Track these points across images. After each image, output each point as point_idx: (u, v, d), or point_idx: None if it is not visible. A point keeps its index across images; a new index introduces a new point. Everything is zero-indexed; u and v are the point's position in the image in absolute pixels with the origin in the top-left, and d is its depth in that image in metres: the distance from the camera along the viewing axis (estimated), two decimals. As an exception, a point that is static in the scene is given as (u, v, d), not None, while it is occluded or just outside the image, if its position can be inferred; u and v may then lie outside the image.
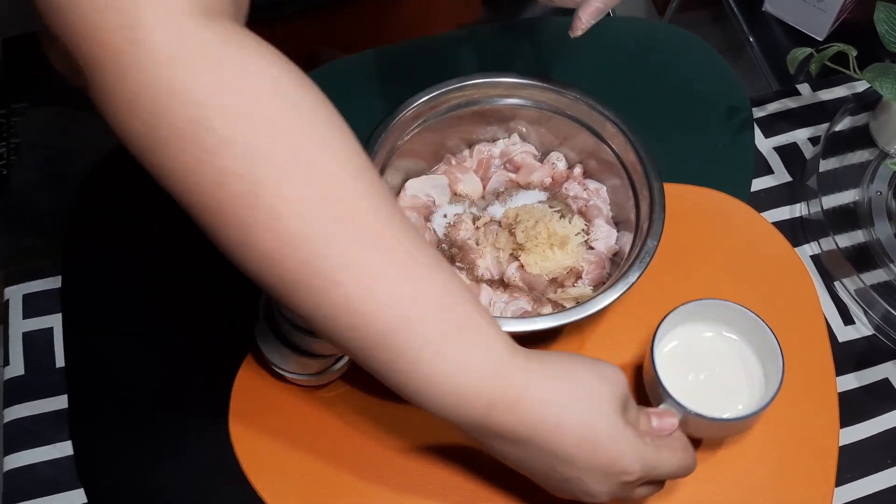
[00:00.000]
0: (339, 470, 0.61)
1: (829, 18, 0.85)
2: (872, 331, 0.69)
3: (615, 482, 0.48)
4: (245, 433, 0.62)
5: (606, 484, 0.48)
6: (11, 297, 0.70)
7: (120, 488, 0.62)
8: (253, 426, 0.63)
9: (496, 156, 0.72)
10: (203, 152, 0.39)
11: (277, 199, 0.39)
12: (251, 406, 0.63)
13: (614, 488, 0.49)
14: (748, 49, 0.91)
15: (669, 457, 0.50)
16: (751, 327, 0.60)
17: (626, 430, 0.48)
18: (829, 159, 0.75)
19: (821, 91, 0.81)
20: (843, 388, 0.66)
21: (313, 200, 0.40)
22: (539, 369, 0.47)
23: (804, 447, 0.62)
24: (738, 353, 0.61)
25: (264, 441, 0.62)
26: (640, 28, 0.89)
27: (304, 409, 0.63)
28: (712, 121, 0.78)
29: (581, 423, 0.47)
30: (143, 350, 0.67)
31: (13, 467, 0.62)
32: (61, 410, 0.65)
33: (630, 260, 0.61)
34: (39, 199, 0.81)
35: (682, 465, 0.51)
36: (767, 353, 0.59)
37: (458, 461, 0.62)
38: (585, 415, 0.47)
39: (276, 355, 0.60)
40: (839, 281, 0.71)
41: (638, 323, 0.67)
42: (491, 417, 0.45)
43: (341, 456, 0.62)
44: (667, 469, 0.50)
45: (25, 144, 0.83)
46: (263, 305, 0.60)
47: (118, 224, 0.72)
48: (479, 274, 0.66)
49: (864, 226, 0.71)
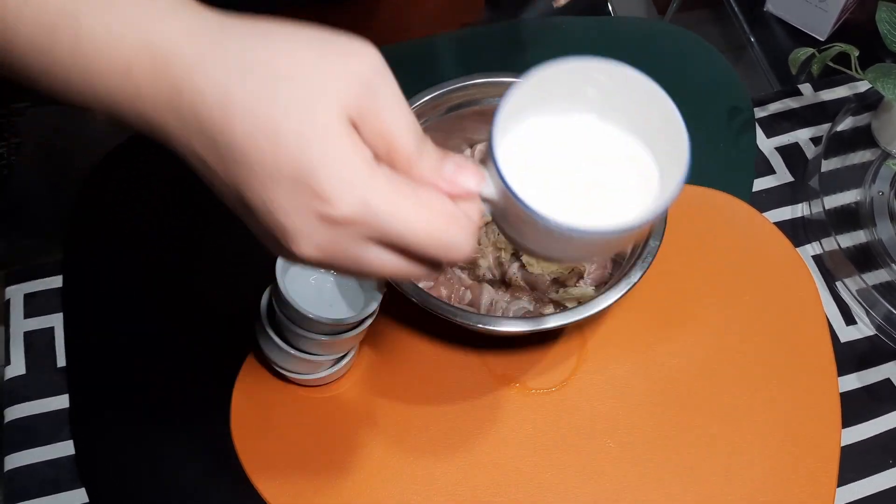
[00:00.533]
0: (340, 469, 0.61)
1: (831, 18, 0.85)
2: (874, 331, 0.69)
3: (314, 215, 0.34)
4: (246, 432, 0.62)
5: (302, 216, 0.34)
6: (12, 296, 0.70)
7: (121, 488, 0.62)
8: (254, 425, 0.63)
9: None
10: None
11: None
12: (252, 405, 0.63)
13: (317, 229, 0.34)
14: (749, 49, 0.91)
15: (413, 210, 0.35)
16: (644, 103, 0.41)
17: (339, 138, 0.34)
18: (831, 159, 0.74)
19: (822, 91, 0.81)
20: (845, 389, 0.66)
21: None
22: (229, 33, 0.34)
23: (806, 447, 0.62)
24: (622, 144, 0.43)
25: (265, 440, 0.62)
26: (641, 27, 0.89)
27: (305, 408, 0.63)
28: (714, 121, 0.78)
29: (256, 106, 0.33)
30: (143, 350, 0.67)
31: (14, 467, 0.62)
32: (62, 410, 0.65)
33: (632, 260, 0.61)
34: (40, 199, 0.81)
35: (434, 233, 0.35)
36: (665, 143, 0.41)
37: (460, 461, 0.62)
38: (267, 99, 0.33)
39: (277, 355, 0.60)
40: (841, 281, 0.70)
41: (640, 323, 0.67)
42: (153, 93, 0.34)
43: (342, 455, 0.62)
44: (403, 226, 0.35)
45: (26, 144, 0.83)
46: (264, 305, 0.60)
47: (119, 224, 0.72)
48: (481, 274, 0.66)
49: (866, 226, 0.71)
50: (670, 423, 0.63)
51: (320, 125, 0.33)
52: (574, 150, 0.42)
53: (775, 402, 0.64)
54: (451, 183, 0.37)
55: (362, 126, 0.35)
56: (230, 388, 0.64)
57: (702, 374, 0.65)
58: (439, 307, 0.57)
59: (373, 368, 0.65)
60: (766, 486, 0.61)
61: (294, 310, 0.55)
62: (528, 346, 0.66)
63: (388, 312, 0.67)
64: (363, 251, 0.36)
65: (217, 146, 0.34)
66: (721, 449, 0.62)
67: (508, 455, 0.62)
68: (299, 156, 0.33)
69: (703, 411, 0.64)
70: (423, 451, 0.62)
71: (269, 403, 0.64)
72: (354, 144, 0.34)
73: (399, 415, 0.63)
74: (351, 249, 0.36)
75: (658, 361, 0.66)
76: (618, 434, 0.63)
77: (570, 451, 0.62)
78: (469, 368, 0.65)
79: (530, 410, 0.64)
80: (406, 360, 0.66)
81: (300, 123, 0.33)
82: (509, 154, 0.39)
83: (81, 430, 0.64)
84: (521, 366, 0.65)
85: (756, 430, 0.63)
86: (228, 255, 0.70)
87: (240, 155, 0.34)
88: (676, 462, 0.62)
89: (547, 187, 0.41)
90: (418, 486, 0.61)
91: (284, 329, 0.57)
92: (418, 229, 0.35)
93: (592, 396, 0.64)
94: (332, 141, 0.34)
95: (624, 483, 0.61)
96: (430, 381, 0.65)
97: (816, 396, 0.65)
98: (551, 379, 0.65)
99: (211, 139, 0.34)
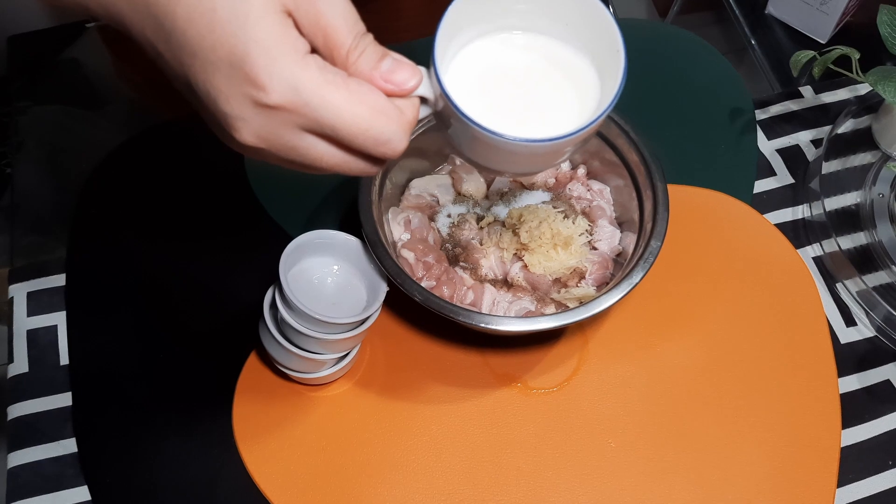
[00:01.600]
0: (342, 468, 0.61)
1: (832, 21, 0.85)
2: (874, 332, 0.69)
3: (250, 101, 0.36)
4: (249, 431, 0.63)
5: (240, 102, 0.36)
6: (16, 294, 0.70)
7: (123, 486, 0.62)
8: (257, 424, 0.63)
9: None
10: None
11: None
12: (255, 404, 0.64)
13: (254, 115, 0.36)
14: (750, 51, 0.92)
15: (343, 101, 0.36)
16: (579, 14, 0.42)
17: (271, 25, 0.35)
18: (832, 161, 0.75)
19: (823, 93, 0.81)
20: (845, 390, 0.66)
21: None
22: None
23: (806, 448, 0.63)
24: (554, 60, 0.44)
25: (268, 439, 0.62)
26: (643, 29, 0.89)
27: (307, 407, 0.64)
28: (715, 122, 0.78)
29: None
30: (146, 348, 0.67)
31: (17, 464, 0.62)
32: (65, 408, 0.65)
33: (633, 261, 0.61)
34: (43, 198, 0.81)
35: (362, 124, 0.36)
36: (604, 54, 0.42)
37: (461, 460, 0.62)
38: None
39: (279, 353, 0.60)
40: (841, 282, 0.71)
41: (641, 323, 0.67)
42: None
43: (345, 454, 0.62)
44: (333, 116, 0.36)
45: (29, 143, 0.83)
46: (267, 303, 0.60)
47: (122, 222, 0.72)
48: (483, 273, 0.66)
49: (867, 228, 0.71)
50: (671, 423, 0.63)
51: (253, 12, 0.34)
52: (514, 67, 0.44)
53: (776, 403, 0.64)
54: (386, 79, 0.38)
55: (299, 16, 0.36)
56: (232, 386, 0.64)
57: (703, 374, 0.65)
58: (442, 306, 0.58)
59: (375, 367, 0.65)
60: (766, 487, 0.61)
61: (297, 308, 0.55)
62: (529, 345, 0.66)
63: (390, 311, 0.67)
64: (299, 139, 0.37)
65: (164, 31, 0.35)
66: (721, 449, 0.62)
67: (509, 454, 0.62)
68: (233, 41, 0.34)
69: (703, 412, 0.64)
70: (425, 450, 0.62)
71: (272, 402, 0.64)
72: (285, 33, 0.35)
73: (401, 414, 0.63)
74: (287, 137, 0.37)
75: (659, 362, 0.66)
76: (619, 434, 0.63)
77: (572, 451, 0.62)
78: (471, 368, 0.65)
79: (531, 410, 0.64)
80: (408, 359, 0.66)
81: (233, 9, 0.34)
82: (455, 73, 0.41)
83: (84, 428, 0.64)
84: (522, 365, 0.66)
85: (756, 430, 0.63)
86: (231, 253, 0.71)
87: (183, 39, 0.35)
88: (677, 462, 0.62)
89: (490, 104, 0.42)
90: (420, 485, 0.61)
91: (287, 328, 0.57)
92: (347, 119, 0.36)
93: (593, 396, 0.65)
94: (264, 28, 0.34)
95: (625, 483, 0.61)
96: (432, 381, 0.65)
97: (816, 397, 0.65)
98: (553, 379, 0.65)
99: (159, 24, 0.35)
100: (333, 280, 0.62)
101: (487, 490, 0.61)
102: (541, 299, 0.65)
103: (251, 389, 0.64)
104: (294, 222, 0.72)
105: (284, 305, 0.57)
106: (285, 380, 0.64)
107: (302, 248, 0.59)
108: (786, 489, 0.61)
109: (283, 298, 0.56)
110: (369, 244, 0.59)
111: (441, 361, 0.66)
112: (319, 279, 0.62)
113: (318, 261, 0.62)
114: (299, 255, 0.60)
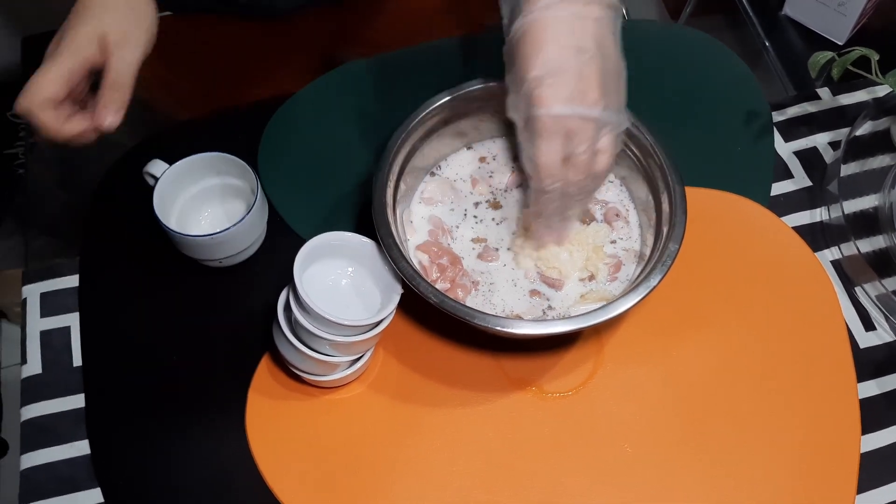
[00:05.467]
0: (354, 471, 0.61)
1: (850, 22, 0.84)
2: (894, 337, 0.68)
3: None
4: (261, 433, 0.62)
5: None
6: (29, 295, 0.70)
7: (136, 487, 0.62)
8: (269, 426, 0.63)
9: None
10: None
11: None
12: (268, 406, 0.63)
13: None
14: (764, 53, 0.91)
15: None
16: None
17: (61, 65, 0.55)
18: (850, 164, 0.74)
19: (841, 95, 0.81)
20: (864, 395, 0.65)
21: None
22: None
23: (825, 454, 0.62)
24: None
25: (281, 441, 0.62)
26: (656, 31, 0.88)
27: (320, 409, 0.63)
28: (732, 125, 0.78)
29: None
30: (159, 349, 0.67)
31: (30, 466, 0.62)
32: (78, 409, 0.65)
33: (651, 263, 0.60)
34: (56, 199, 0.81)
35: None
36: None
37: (475, 463, 0.61)
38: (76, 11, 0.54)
39: (293, 355, 0.59)
40: (860, 286, 0.70)
41: (657, 327, 0.67)
42: None
43: (357, 457, 0.61)
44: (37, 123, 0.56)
45: (42, 145, 0.83)
46: (281, 305, 0.59)
47: (134, 223, 0.72)
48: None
49: (886, 231, 0.71)
50: (687, 427, 0.63)
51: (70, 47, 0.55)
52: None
53: (794, 408, 0.64)
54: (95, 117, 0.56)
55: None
56: (246, 388, 0.64)
57: (719, 379, 0.65)
58: (456, 309, 0.57)
59: (389, 370, 0.65)
60: (784, 493, 0.60)
61: (311, 310, 0.55)
62: (544, 349, 0.66)
63: (404, 314, 0.67)
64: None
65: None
66: (738, 455, 0.62)
67: (524, 458, 0.62)
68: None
69: (720, 416, 0.63)
70: (439, 453, 0.62)
71: (285, 404, 0.63)
72: (60, 79, 0.55)
73: (414, 417, 0.63)
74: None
75: (675, 366, 0.65)
76: (634, 438, 0.62)
77: (586, 455, 0.62)
78: (485, 371, 0.65)
79: (546, 414, 0.63)
80: (422, 362, 0.65)
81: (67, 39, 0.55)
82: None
83: (97, 430, 0.64)
84: (537, 369, 0.65)
85: (774, 436, 0.62)
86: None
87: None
88: (693, 467, 0.61)
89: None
90: (433, 488, 0.60)
91: (301, 330, 0.57)
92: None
93: (609, 400, 0.64)
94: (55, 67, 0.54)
95: (640, 487, 0.61)
96: (446, 384, 0.64)
97: (835, 403, 0.64)
98: (568, 383, 0.65)
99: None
100: (348, 282, 0.62)
101: (502, 494, 0.60)
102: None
103: (264, 391, 0.64)
104: (307, 224, 0.71)
105: (299, 307, 0.56)
106: (299, 382, 0.64)
107: (317, 250, 0.59)
108: (804, 495, 0.60)
109: (298, 300, 0.56)
110: (384, 246, 0.59)
111: (455, 364, 0.65)
112: (334, 281, 0.62)
113: (332, 263, 0.61)
114: (314, 257, 0.59)
